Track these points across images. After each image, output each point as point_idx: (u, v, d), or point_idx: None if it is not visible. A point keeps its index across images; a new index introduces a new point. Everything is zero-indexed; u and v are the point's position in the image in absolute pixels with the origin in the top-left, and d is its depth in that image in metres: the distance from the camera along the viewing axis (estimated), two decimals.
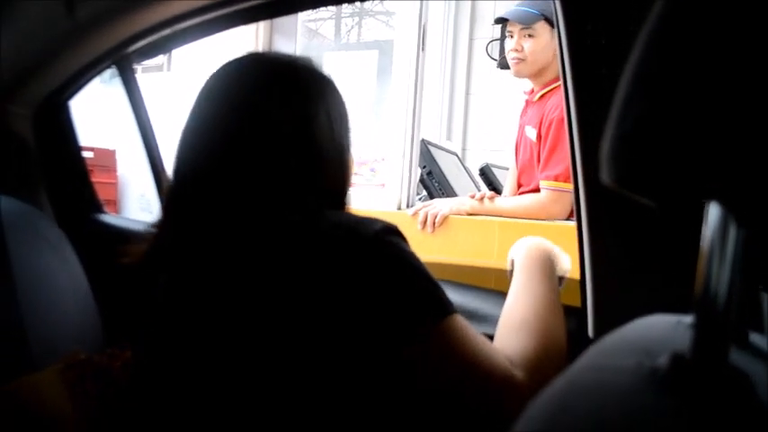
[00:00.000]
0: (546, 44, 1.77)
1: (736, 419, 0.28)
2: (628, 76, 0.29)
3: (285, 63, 0.79)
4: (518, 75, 1.85)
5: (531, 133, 1.78)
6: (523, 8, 1.81)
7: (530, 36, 1.78)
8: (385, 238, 0.69)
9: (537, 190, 1.69)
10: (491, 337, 0.94)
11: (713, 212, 0.31)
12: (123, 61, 1.40)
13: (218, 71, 0.79)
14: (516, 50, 1.80)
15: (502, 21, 1.88)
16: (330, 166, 0.78)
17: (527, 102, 1.90)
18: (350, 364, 0.67)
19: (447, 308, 0.68)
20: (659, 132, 0.27)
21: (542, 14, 1.77)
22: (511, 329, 0.75)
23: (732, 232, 0.30)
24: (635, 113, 0.28)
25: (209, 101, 0.78)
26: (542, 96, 1.81)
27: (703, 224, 0.32)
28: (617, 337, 0.38)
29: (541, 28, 1.77)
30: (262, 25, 3.77)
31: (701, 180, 0.26)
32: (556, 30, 0.80)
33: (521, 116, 1.94)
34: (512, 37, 1.82)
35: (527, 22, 1.78)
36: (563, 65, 0.79)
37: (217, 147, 0.75)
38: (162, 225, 0.79)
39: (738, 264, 0.30)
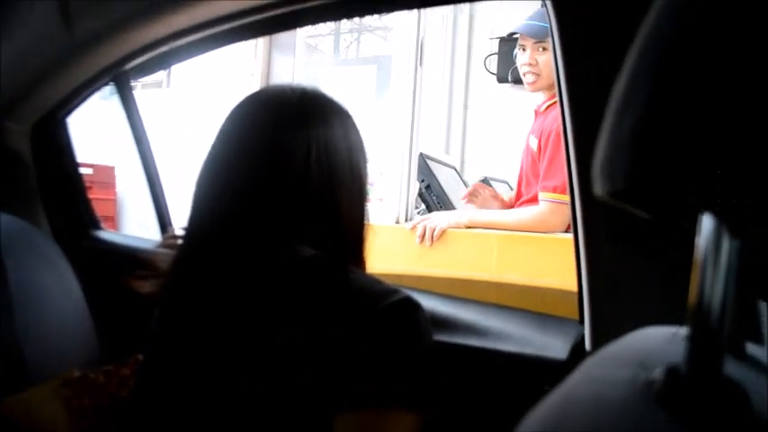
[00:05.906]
0: None
1: None
2: (624, 79, 0.28)
3: (297, 103, 0.77)
4: (533, 88, 1.85)
5: (533, 143, 1.79)
6: (535, 22, 1.81)
7: (543, 50, 1.78)
8: (399, 312, 0.70)
9: (536, 199, 1.69)
10: (489, 352, 0.94)
11: (706, 223, 0.31)
12: (121, 77, 1.41)
13: (232, 113, 0.79)
14: (530, 65, 1.81)
15: (512, 35, 1.88)
16: (348, 203, 0.78)
17: (536, 112, 1.90)
18: (308, 406, 0.68)
19: (402, 401, 0.67)
20: (661, 134, 0.26)
21: None
22: None
23: (726, 243, 0.30)
24: (633, 115, 0.27)
25: (224, 145, 0.77)
26: (548, 107, 1.81)
27: (696, 235, 0.32)
28: (613, 349, 0.38)
29: None
30: (261, 41, 3.79)
31: (697, 190, 0.26)
32: (551, 40, 0.80)
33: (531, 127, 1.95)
34: (524, 50, 1.83)
35: (541, 36, 1.78)
36: (558, 75, 0.79)
37: (233, 193, 0.75)
38: (178, 265, 0.79)
39: (733, 274, 0.30)
